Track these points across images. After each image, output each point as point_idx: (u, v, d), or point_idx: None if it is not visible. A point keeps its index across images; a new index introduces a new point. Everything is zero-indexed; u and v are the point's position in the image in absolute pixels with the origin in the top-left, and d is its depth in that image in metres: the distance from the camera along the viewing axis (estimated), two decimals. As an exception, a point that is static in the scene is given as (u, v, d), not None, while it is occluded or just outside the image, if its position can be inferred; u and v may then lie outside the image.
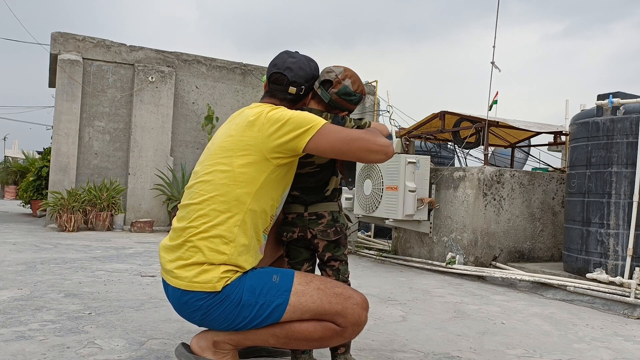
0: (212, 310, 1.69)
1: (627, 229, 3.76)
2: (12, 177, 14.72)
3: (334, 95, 1.89)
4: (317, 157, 1.88)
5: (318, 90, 1.91)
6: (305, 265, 2.00)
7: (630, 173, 3.78)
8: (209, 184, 1.74)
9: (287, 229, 1.96)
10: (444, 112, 5.49)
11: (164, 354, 2.07)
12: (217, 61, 8.70)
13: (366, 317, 1.76)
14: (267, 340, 1.75)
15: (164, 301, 3.02)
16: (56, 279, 3.54)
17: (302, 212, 1.94)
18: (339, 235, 1.94)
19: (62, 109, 7.56)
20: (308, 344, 1.76)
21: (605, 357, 2.45)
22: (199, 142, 8.50)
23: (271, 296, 1.69)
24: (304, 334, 1.72)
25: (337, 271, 1.97)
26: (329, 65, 1.94)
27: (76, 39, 7.78)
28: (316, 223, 1.93)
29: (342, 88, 1.89)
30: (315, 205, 1.94)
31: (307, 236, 1.93)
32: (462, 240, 4.81)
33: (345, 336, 1.74)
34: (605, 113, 3.97)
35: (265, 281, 1.72)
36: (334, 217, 1.94)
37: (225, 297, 1.67)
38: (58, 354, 2.01)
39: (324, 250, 1.95)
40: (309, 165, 1.92)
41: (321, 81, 1.91)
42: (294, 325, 1.71)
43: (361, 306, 1.74)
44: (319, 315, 1.70)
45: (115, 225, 7.47)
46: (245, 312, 1.68)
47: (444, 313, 3.11)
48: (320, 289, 1.72)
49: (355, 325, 1.72)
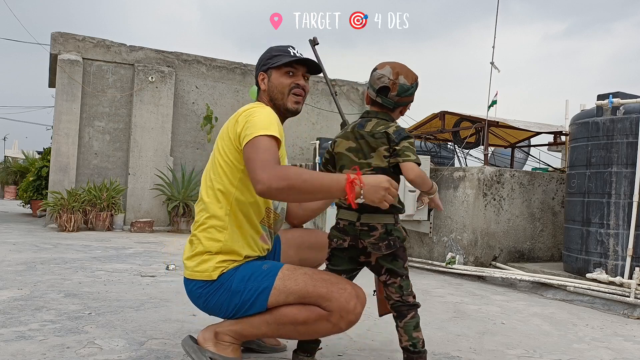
0: (210, 298, 1.82)
1: (627, 229, 3.76)
2: (12, 177, 14.72)
3: (395, 98, 1.85)
4: (374, 159, 1.81)
5: (378, 99, 1.87)
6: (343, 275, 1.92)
7: (630, 173, 3.78)
8: (204, 180, 1.92)
9: (337, 235, 1.87)
10: (444, 112, 5.49)
11: (164, 354, 2.07)
12: (217, 61, 8.70)
13: (357, 306, 1.72)
14: (261, 329, 1.79)
15: (164, 301, 3.02)
16: (56, 279, 3.54)
17: (354, 220, 1.82)
18: (391, 249, 1.81)
19: (62, 109, 7.56)
20: (296, 328, 1.76)
21: (605, 357, 2.45)
22: (199, 142, 8.50)
23: (258, 282, 1.77)
24: (290, 317, 1.75)
25: (400, 288, 1.84)
26: (376, 71, 1.87)
27: (76, 39, 7.78)
28: (367, 235, 1.81)
29: (400, 88, 1.84)
30: (369, 216, 1.81)
31: (358, 246, 1.84)
32: (462, 240, 4.81)
33: (333, 321, 1.71)
34: (605, 113, 3.97)
35: (255, 269, 1.81)
36: (388, 230, 1.81)
37: (220, 285, 1.80)
38: (58, 354, 2.01)
39: (379, 262, 1.85)
40: (366, 167, 1.84)
41: (377, 90, 1.86)
42: (281, 310, 1.76)
43: (350, 293, 1.72)
44: (303, 298, 1.73)
45: (115, 225, 7.47)
46: (236, 298, 1.78)
47: (444, 313, 3.11)
48: (307, 274, 1.77)
49: (342, 310, 1.69)
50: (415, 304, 1.87)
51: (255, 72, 1.99)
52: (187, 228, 7.76)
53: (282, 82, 1.92)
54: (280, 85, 1.92)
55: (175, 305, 2.94)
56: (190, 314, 2.75)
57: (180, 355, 2.05)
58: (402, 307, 1.85)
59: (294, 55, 1.93)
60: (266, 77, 1.95)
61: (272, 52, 1.96)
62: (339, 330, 1.75)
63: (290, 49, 1.96)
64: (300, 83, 1.94)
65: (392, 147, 1.81)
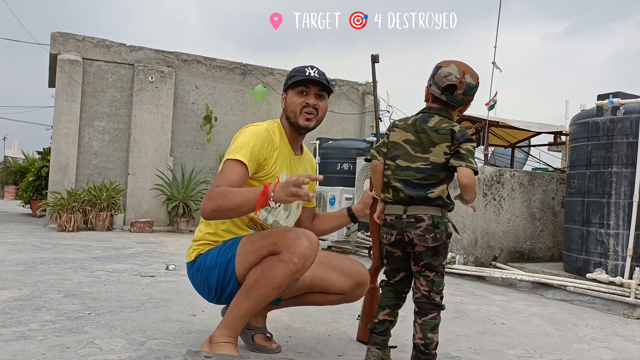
0: (194, 278, 2.02)
1: (627, 229, 3.76)
2: (12, 177, 14.72)
3: (460, 96, 1.87)
4: (433, 154, 1.85)
5: (442, 97, 1.87)
6: (401, 275, 1.95)
7: (630, 173, 3.78)
8: None
9: (385, 231, 1.91)
10: (444, 112, 5.47)
11: (164, 354, 2.07)
12: (217, 61, 8.69)
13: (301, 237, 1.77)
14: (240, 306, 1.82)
15: (164, 301, 3.02)
16: (56, 279, 3.54)
17: (401, 214, 1.86)
18: (437, 242, 1.82)
19: (62, 109, 7.56)
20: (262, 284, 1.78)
21: (605, 357, 2.45)
22: (199, 142, 8.50)
23: (225, 254, 1.93)
24: (252, 277, 1.81)
25: (432, 282, 1.86)
26: (442, 69, 1.87)
27: (76, 39, 7.78)
28: (414, 226, 1.83)
29: (466, 87, 1.86)
30: (416, 207, 1.85)
31: (404, 239, 1.85)
32: (462, 240, 4.81)
33: (284, 259, 1.75)
34: (605, 113, 3.97)
35: (223, 245, 1.97)
36: (434, 223, 1.83)
37: (199, 265, 1.99)
38: (58, 354, 2.01)
39: (421, 256, 1.86)
40: (421, 160, 1.86)
41: (443, 87, 1.86)
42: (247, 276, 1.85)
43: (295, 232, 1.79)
44: (257, 252, 1.83)
45: (115, 225, 7.47)
46: (213, 274, 1.93)
47: (444, 313, 3.09)
48: (262, 234, 1.88)
49: (289, 247, 1.75)
50: (440, 305, 1.89)
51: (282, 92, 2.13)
52: (187, 228, 7.76)
53: (295, 101, 2.02)
54: (292, 104, 2.03)
55: (175, 305, 2.94)
56: (190, 314, 2.75)
57: (180, 355, 2.05)
58: (426, 305, 1.87)
59: (307, 75, 2.00)
60: (286, 97, 2.06)
61: (292, 73, 2.07)
62: (295, 266, 1.76)
63: (307, 68, 2.04)
64: (310, 102, 2.01)
65: (454, 146, 1.84)
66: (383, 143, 1.98)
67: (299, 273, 1.78)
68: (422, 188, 1.85)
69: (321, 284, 2.09)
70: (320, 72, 2.04)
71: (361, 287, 2.13)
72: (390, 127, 1.99)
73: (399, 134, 1.93)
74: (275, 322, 2.60)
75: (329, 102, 2.16)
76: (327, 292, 2.11)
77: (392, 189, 1.90)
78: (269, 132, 1.99)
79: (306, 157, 2.23)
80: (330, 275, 2.09)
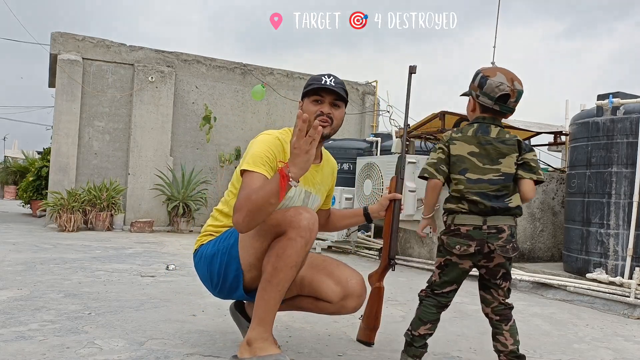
0: (199, 268, 2.06)
1: (627, 229, 3.76)
2: (12, 177, 14.70)
3: (512, 104, 1.87)
4: (504, 165, 1.86)
5: (495, 107, 1.87)
6: (453, 287, 1.94)
7: (630, 173, 3.78)
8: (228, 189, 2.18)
9: (460, 242, 1.85)
10: (444, 112, 5.48)
11: (164, 354, 2.07)
12: (216, 61, 8.69)
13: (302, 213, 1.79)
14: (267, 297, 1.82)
15: (164, 301, 3.02)
16: (56, 279, 3.54)
17: (480, 224, 1.83)
18: (516, 252, 1.85)
19: (62, 109, 7.56)
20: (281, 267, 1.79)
21: (605, 357, 2.45)
22: (199, 142, 8.50)
23: (227, 240, 1.96)
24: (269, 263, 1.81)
25: (509, 291, 1.91)
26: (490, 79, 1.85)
27: (76, 39, 7.77)
28: (496, 237, 1.82)
29: (518, 94, 1.86)
30: (495, 218, 1.84)
31: (484, 250, 1.83)
32: (462, 240, 4.80)
33: (292, 237, 1.78)
34: (605, 113, 3.97)
35: (223, 233, 2.02)
36: (512, 232, 1.84)
37: (201, 255, 2.04)
38: (58, 354, 2.01)
39: (498, 267, 1.87)
40: (493, 172, 1.85)
41: (496, 97, 1.85)
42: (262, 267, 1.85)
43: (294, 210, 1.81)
44: (262, 236, 1.85)
45: (115, 225, 7.47)
46: (216, 261, 1.97)
47: (444, 313, 3.10)
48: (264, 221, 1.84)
49: (293, 223, 1.77)
50: (512, 307, 1.94)
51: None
52: (187, 228, 7.76)
53: (310, 109, 2.02)
54: (307, 113, 2.01)
55: (175, 305, 2.94)
56: (190, 314, 2.75)
57: (180, 355, 2.05)
58: (506, 311, 1.89)
59: (323, 83, 1.99)
60: (302, 105, 2.07)
61: (309, 81, 2.08)
62: (303, 239, 1.79)
63: (324, 77, 2.04)
64: (324, 110, 2.00)
65: (521, 156, 1.87)
66: (441, 160, 1.93)
67: (308, 245, 1.82)
68: (498, 199, 1.85)
69: (309, 285, 2.06)
70: (337, 81, 2.03)
71: (352, 297, 2.04)
72: (448, 141, 1.93)
73: (460, 146, 1.90)
74: (275, 322, 2.58)
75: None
76: (316, 296, 2.08)
77: (468, 202, 1.87)
78: (281, 141, 1.99)
79: (326, 164, 2.19)
80: (320, 279, 2.05)
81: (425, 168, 1.97)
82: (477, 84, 1.89)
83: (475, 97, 1.92)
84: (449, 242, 1.89)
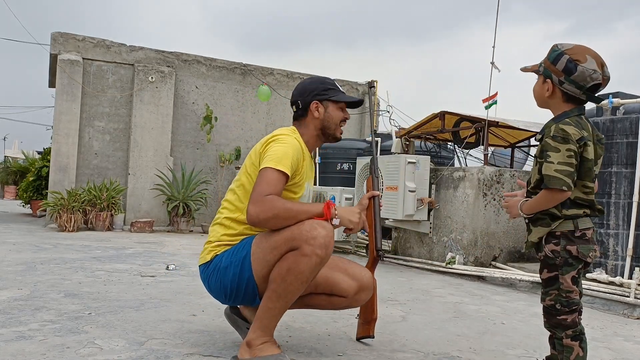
0: (210, 279, 2.02)
1: (627, 229, 3.76)
2: (12, 177, 14.71)
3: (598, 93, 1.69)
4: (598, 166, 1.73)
5: (583, 96, 1.65)
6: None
7: (630, 173, 3.78)
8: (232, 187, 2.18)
9: (590, 248, 1.67)
10: (443, 112, 5.48)
11: (164, 354, 2.07)
12: (217, 61, 8.70)
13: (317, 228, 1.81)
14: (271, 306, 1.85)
15: (164, 301, 3.02)
16: (56, 279, 3.54)
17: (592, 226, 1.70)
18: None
19: (62, 109, 7.56)
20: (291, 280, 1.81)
21: (605, 357, 2.45)
22: (199, 142, 8.50)
23: (240, 252, 1.95)
24: (276, 276, 1.83)
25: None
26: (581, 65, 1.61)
27: (76, 39, 7.78)
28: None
29: (607, 80, 1.64)
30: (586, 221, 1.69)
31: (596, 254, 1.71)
32: (461, 240, 4.81)
33: (306, 253, 1.79)
34: (605, 113, 3.98)
35: (237, 245, 2.00)
36: None
37: (215, 266, 2.00)
38: (58, 354, 2.01)
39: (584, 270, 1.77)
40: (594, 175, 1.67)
41: (588, 87, 1.63)
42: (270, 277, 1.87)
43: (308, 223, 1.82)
44: (275, 249, 1.86)
45: (115, 225, 7.47)
46: (229, 273, 1.94)
47: (444, 313, 3.11)
48: (277, 232, 1.88)
49: (307, 238, 1.79)
50: None
51: (305, 98, 2.16)
52: (187, 228, 7.76)
53: (338, 115, 2.16)
54: (336, 117, 2.16)
55: (175, 305, 2.94)
56: (190, 314, 2.75)
57: (180, 355, 2.05)
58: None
59: (345, 94, 2.19)
60: (321, 107, 2.14)
61: (327, 85, 2.17)
62: (318, 258, 1.81)
63: (337, 83, 2.21)
64: (348, 117, 2.20)
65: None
66: (575, 166, 1.62)
67: (322, 263, 1.84)
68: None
69: (325, 283, 2.08)
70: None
71: (365, 290, 2.13)
72: (583, 143, 1.63)
73: (591, 150, 1.64)
74: (275, 322, 2.60)
75: None
76: (331, 293, 2.10)
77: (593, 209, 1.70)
78: (301, 145, 2.08)
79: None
80: (335, 275, 2.09)
81: (560, 178, 1.60)
82: (563, 68, 1.63)
83: (557, 83, 1.66)
84: (582, 251, 1.65)
